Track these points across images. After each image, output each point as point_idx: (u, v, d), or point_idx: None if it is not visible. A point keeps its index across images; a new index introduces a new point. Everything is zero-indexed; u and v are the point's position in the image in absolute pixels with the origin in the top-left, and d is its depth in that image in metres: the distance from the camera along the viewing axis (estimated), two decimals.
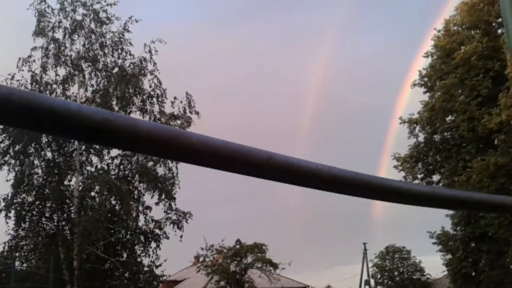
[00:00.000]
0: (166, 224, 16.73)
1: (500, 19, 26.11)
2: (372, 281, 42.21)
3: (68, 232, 16.64)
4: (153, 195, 16.75)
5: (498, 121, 23.92)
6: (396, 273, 41.09)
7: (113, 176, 16.06)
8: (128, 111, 16.83)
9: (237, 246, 27.01)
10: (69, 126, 0.57)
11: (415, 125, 30.32)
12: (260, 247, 26.85)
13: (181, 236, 17.27)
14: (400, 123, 30.74)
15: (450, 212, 29.44)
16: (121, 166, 16.86)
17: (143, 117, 16.98)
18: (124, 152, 16.66)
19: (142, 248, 16.60)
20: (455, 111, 27.61)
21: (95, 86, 17.24)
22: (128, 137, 0.56)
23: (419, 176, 30.75)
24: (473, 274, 28.87)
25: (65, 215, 16.81)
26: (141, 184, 16.77)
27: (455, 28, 28.33)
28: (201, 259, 25.51)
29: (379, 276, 42.56)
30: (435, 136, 30.09)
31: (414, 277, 40.05)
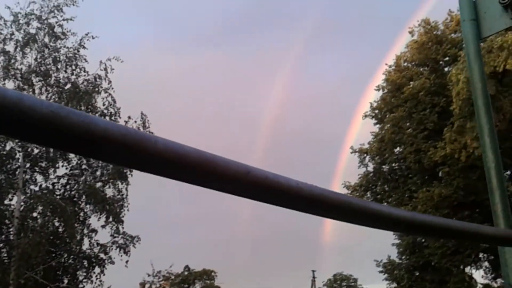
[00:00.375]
0: (112, 249, 16.04)
1: (447, 58, 27.66)
2: None
3: (5, 255, 15.62)
4: (100, 218, 16.09)
5: (443, 154, 25.00)
6: None
7: (58, 196, 15.28)
8: None
9: (186, 273, 26.39)
10: (5, 119, 0.45)
11: (365, 155, 31.21)
12: (209, 273, 26.34)
13: (127, 262, 16.59)
14: (351, 153, 31.58)
15: (397, 241, 30.24)
16: (68, 186, 16.10)
17: None
18: (71, 172, 16.04)
19: (84, 274, 15.79)
20: (403, 143, 28.71)
21: None
22: (81, 137, 0.46)
23: None
24: None
25: (3, 236, 15.81)
26: (88, 206, 16.09)
27: (405, 64, 29.76)
28: (147, 285, 24.62)
29: None
30: (383, 166, 31.06)
31: None
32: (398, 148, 29.83)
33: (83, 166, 16.38)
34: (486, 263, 28.93)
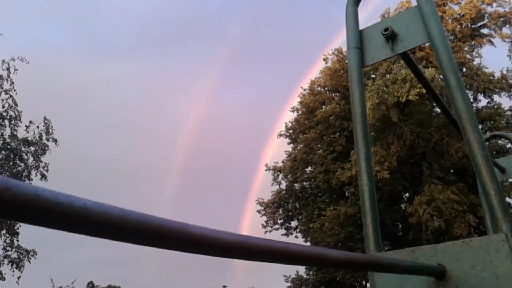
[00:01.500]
0: (4, 263, 14.60)
1: None
2: None
3: None
4: None
5: (349, 175, 26.42)
6: None
7: None
8: None
9: None
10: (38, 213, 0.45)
11: (278, 172, 32.07)
12: None
13: (19, 277, 15.17)
14: (266, 170, 32.26)
15: None
16: None
17: None
18: None
19: None
20: (313, 163, 29.95)
21: None
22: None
23: (279, 222, 32.27)
24: None
25: None
26: None
27: (319, 88, 31.24)
28: None
29: None
30: (295, 184, 32.10)
31: None
32: (309, 168, 31.03)
33: None
34: None
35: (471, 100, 30.42)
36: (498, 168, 2.95)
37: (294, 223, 32.59)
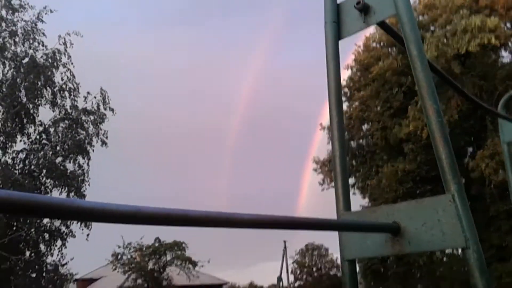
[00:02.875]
0: (73, 223, 16.18)
1: None
2: (291, 277, 43.68)
3: None
4: (61, 192, 16.20)
5: (407, 131, 25.75)
6: (314, 269, 42.80)
7: (17, 171, 15.34)
8: (38, 103, 16.16)
9: (156, 244, 26.80)
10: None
11: None
12: (180, 245, 26.88)
13: (88, 235, 16.75)
14: (320, 129, 32.12)
15: None
16: (27, 161, 16.13)
17: (53, 111, 16.42)
18: (30, 146, 16.01)
19: (46, 247, 16.00)
20: (370, 121, 29.43)
21: (1, 76, 16.24)
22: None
23: None
24: (382, 270, 30.89)
25: None
26: (48, 180, 16.17)
27: (374, 44, 30.07)
28: (118, 257, 25.01)
29: (298, 272, 44.10)
30: (352, 142, 31.79)
31: (331, 272, 42.01)
32: (365, 125, 30.56)
33: (43, 141, 16.37)
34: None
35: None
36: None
37: (351, 181, 32.58)
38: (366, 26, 1.85)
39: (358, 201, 33.13)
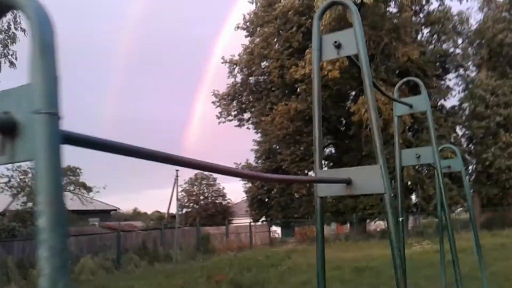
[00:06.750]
0: None
1: None
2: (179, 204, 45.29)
3: None
4: None
5: (303, 72, 27.45)
6: (201, 197, 44.79)
7: None
8: None
9: None
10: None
11: (235, 66, 32.60)
12: (74, 170, 26.48)
13: None
14: (222, 63, 32.63)
15: (255, 147, 33.46)
16: None
17: None
18: None
19: None
20: (270, 58, 30.58)
21: None
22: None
23: (233, 113, 33.72)
24: (266, 200, 33.85)
25: None
26: None
27: None
28: (3, 179, 23.88)
29: (186, 200, 45.93)
30: (250, 78, 32.97)
31: (217, 201, 44.44)
32: (265, 62, 31.67)
33: None
34: (326, 168, 33.77)
35: (424, 2, 31.26)
36: (407, 105, 4.14)
37: (246, 115, 34.13)
38: (337, 55, 2.52)
39: (251, 136, 35.14)
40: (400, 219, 3.85)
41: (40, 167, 0.80)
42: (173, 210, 42.77)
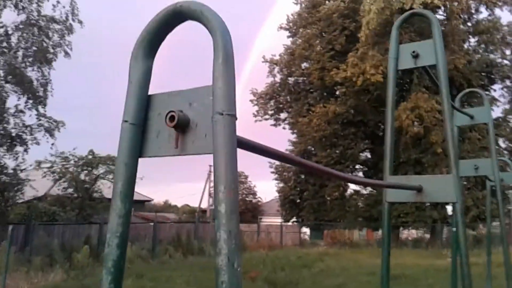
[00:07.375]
0: (39, 130, 16.02)
1: None
2: (211, 200, 45.73)
3: None
4: (19, 98, 15.62)
5: (343, 76, 27.23)
6: None
7: None
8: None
9: (90, 157, 26.80)
10: None
11: (275, 65, 32.66)
12: (113, 159, 27.23)
13: (52, 144, 16.99)
14: (263, 62, 32.74)
15: (291, 147, 33.41)
16: None
17: (18, 14, 15.27)
18: None
19: (5, 150, 15.64)
20: (311, 60, 30.47)
21: None
22: None
23: (270, 113, 33.77)
24: (298, 201, 33.72)
25: None
26: (7, 85, 15.37)
27: None
28: (47, 165, 24.84)
29: None
30: (290, 78, 32.94)
31: (247, 199, 44.57)
32: (305, 64, 31.60)
33: (4, 44, 15.31)
34: (361, 173, 33.41)
35: (473, 11, 30.51)
36: (468, 115, 4.12)
37: (283, 115, 34.12)
38: (415, 65, 2.56)
39: (287, 136, 35.12)
40: (454, 229, 3.85)
41: (221, 162, 0.93)
42: (204, 205, 43.47)
